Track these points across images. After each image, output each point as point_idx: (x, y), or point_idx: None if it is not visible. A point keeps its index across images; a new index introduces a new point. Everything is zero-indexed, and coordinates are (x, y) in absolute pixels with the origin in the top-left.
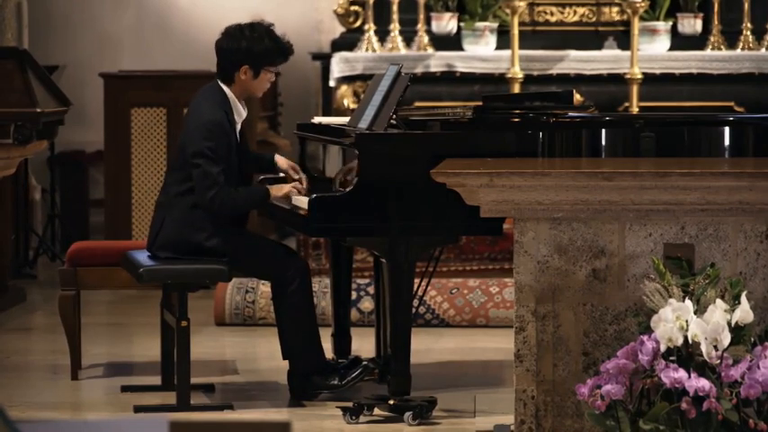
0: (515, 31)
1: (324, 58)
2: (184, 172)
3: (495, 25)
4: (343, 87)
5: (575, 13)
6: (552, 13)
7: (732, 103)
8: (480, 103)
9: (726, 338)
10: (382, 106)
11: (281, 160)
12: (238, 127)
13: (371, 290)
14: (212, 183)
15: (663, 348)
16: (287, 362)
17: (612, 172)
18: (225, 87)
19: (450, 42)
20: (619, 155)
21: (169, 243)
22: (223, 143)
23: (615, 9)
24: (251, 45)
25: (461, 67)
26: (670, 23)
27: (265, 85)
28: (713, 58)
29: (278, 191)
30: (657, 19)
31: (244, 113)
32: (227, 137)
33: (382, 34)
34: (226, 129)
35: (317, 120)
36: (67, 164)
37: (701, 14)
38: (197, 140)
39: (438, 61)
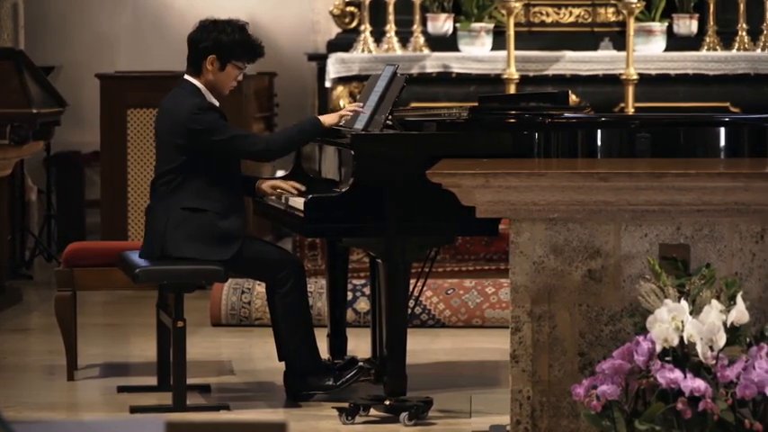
0: (511, 31)
1: (320, 59)
2: (179, 170)
3: (491, 26)
4: (339, 88)
5: (570, 13)
6: (548, 14)
7: (728, 104)
8: (476, 104)
9: (721, 339)
10: (378, 107)
11: (265, 186)
12: None
13: (367, 290)
14: (242, 138)
15: (658, 349)
16: (283, 363)
17: (608, 172)
18: (194, 80)
19: (445, 43)
20: (614, 155)
21: (181, 224)
22: (212, 114)
23: (611, 10)
24: (220, 36)
25: (457, 68)
26: (665, 24)
27: (231, 81)
28: (709, 59)
29: (333, 119)
30: (653, 20)
31: (216, 103)
32: (215, 110)
33: (378, 35)
34: (210, 104)
35: None
36: (64, 164)
37: (697, 15)
38: (198, 126)
39: (434, 62)
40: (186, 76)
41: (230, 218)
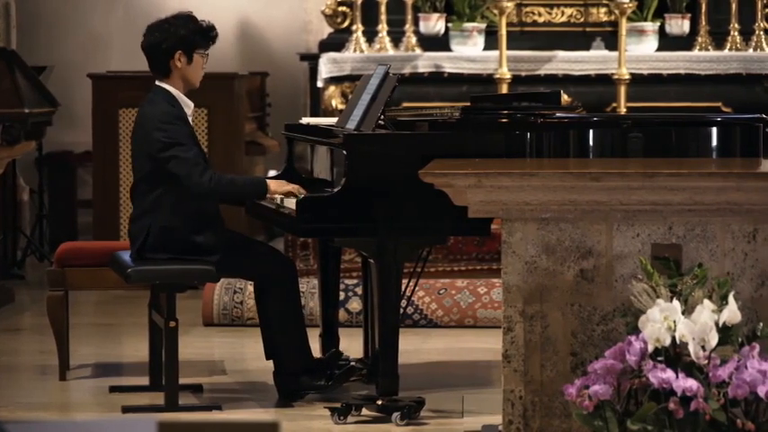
0: (503, 31)
1: (312, 59)
2: (153, 179)
3: (483, 26)
4: (331, 88)
5: (562, 13)
6: (540, 14)
7: (719, 104)
8: (468, 104)
9: (713, 339)
10: (370, 107)
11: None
12: (190, 120)
13: (359, 290)
14: (194, 164)
15: (650, 349)
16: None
17: (600, 172)
18: (165, 85)
19: (437, 43)
20: (606, 155)
21: (159, 245)
22: (182, 128)
23: (603, 10)
24: (175, 31)
25: (449, 68)
26: (658, 24)
27: (200, 71)
28: (701, 59)
29: (279, 186)
30: (645, 19)
31: (191, 104)
32: (183, 122)
33: (370, 35)
34: (179, 115)
35: (305, 120)
36: (56, 164)
37: (689, 15)
38: (158, 136)
39: (426, 62)
40: (157, 83)
41: (204, 232)
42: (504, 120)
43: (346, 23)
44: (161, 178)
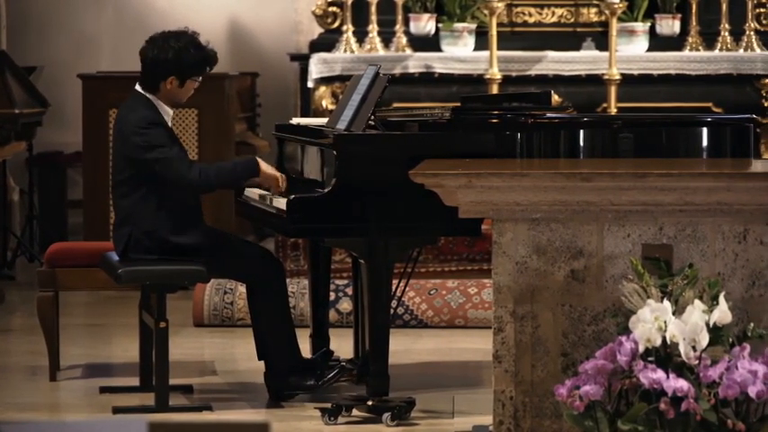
0: (494, 31)
1: (302, 59)
2: (133, 182)
3: (474, 26)
4: (322, 88)
5: (553, 13)
6: (530, 14)
7: (710, 104)
8: (458, 104)
9: (704, 339)
10: (360, 107)
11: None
12: (169, 124)
13: (350, 291)
14: (179, 161)
15: (641, 349)
16: (263, 362)
17: (591, 173)
18: (147, 94)
19: (428, 43)
20: (597, 156)
21: (142, 248)
22: (160, 131)
23: (593, 10)
24: (178, 56)
25: (440, 68)
26: (648, 24)
27: (190, 92)
28: (691, 59)
29: (268, 168)
30: (635, 20)
31: (170, 112)
32: (163, 127)
33: (360, 35)
34: (159, 120)
35: (295, 121)
36: (46, 165)
37: (679, 15)
38: (137, 141)
39: (416, 62)
40: (138, 88)
41: (187, 233)
42: (494, 120)
43: (337, 24)
44: (142, 180)
